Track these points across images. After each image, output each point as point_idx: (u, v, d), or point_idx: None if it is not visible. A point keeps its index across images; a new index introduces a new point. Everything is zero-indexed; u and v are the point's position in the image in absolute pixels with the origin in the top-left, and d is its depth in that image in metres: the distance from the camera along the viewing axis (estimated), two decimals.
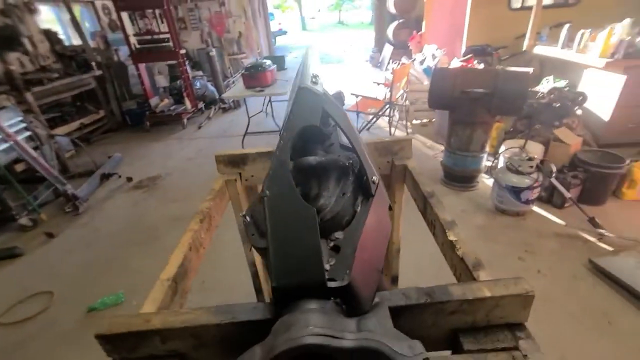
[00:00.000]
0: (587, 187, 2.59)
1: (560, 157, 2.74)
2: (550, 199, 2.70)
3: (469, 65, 3.74)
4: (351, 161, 0.67)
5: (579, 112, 3.16)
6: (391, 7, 7.74)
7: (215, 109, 6.28)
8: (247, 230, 0.67)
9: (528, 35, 3.77)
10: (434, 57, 4.52)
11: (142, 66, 5.65)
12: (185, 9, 8.11)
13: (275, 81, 4.22)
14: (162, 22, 6.35)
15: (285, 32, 18.81)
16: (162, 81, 6.57)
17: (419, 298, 0.62)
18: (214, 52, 6.73)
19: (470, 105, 2.68)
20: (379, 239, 0.66)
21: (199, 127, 5.53)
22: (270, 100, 4.41)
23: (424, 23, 6.48)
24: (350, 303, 0.51)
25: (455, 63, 3.94)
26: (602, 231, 2.31)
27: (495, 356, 0.60)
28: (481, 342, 0.63)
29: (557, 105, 2.93)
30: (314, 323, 0.42)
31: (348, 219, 0.59)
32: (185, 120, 5.59)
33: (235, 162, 1.32)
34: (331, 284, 0.50)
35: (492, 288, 0.63)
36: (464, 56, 4.19)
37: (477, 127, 2.76)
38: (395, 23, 7.69)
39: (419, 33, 6.57)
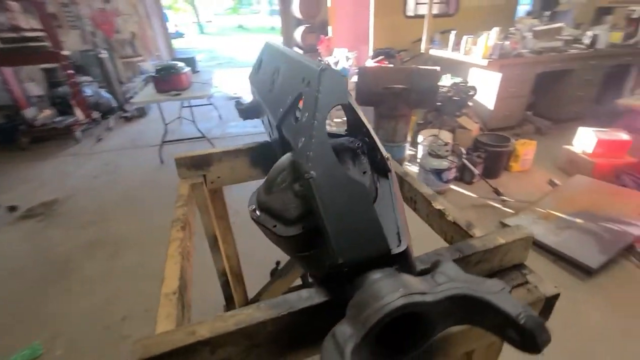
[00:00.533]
0: (487, 164, 3.13)
1: (465, 141, 3.25)
2: (462, 177, 3.17)
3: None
4: (358, 143, 0.70)
5: (470, 103, 3.78)
6: (296, 12, 7.95)
7: (115, 119, 5.50)
8: (264, 224, 0.64)
9: (424, 39, 4.33)
10: (347, 59, 4.83)
11: (7, 71, 4.61)
12: (58, 4, 6.87)
13: (191, 84, 3.93)
14: (34, 18, 5.26)
15: (182, 35, 17.57)
16: (35, 89, 5.43)
17: (452, 255, 0.69)
18: (105, 55, 5.89)
19: (392, 100, 2.96)
20: (403, 206, 0.71)
21: (99, 140, 4.77)
22: (190, 105, 4.08)
23: (330, 28, 6.85)
24: (406, 267, 0.54)
25: (371, 64, 4.29)
26: (504, 198, 2.82)
27: (516, 292, 0.71)
28: None
29: (457, 98, 3.45)
30: (400, 286, 0.44)
31: (374, 195, 0.62)
32: (78, 133, 4.75)
33: (198, 164, 1.22)
34: (394, 251, 0.53)
35: (504, 236, 0.74)
36: (373, 58, 4.58)
37: (400, 120, 3.06)
38: (302, 28, 7.93)
39: (327, 37, 6.91)
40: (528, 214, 2.54)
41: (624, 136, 2.93)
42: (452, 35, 4.13)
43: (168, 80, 3.69)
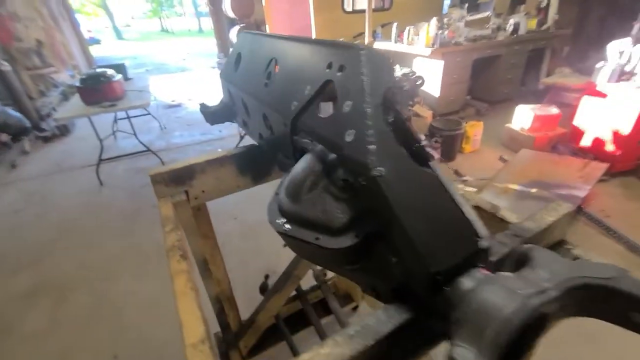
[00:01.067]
0: (444, 148, 3.29)
1: (422, 128, 3.37)
2: None
3: None
4: None
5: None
6: (229, 12, 7.61)
7: (31, 140, 4.73)
8: (303, 238, 0.56)
9: (367, 33, 4.41)
10: None
11: None
12: None
13: (125, 93, 3.51)
14: None
15: (98, 41, 15.89)
16: None
17: (512, 240, 0.66)
18: (7, 67, 5.02)
19: None
20: None
21: (13, 167, 4.04)
22: (128, 116, 3.63)
23: (267, 27, 6.67)
24: (486, 263, 0.50)
25: None
26: (465, 178, 2.98)
27: None
28: None
29: (407, 88, 3.56)
30: (514, 289, 0.40)
31: None
32: None
33: (179, 178, 1.05)
34: (481, 246, 0.49)
35: (550, 213, 0.72)
36: None
37: None
38: (237, 28, 7.62)
39: None
40: (489, 190, 2.71)
41: (554, 110, 3.28)
42: (394, 28, 4.27)
43: (98, 90, 3.24)
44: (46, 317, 1.99)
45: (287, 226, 0.58)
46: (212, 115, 1.21)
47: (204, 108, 1.19)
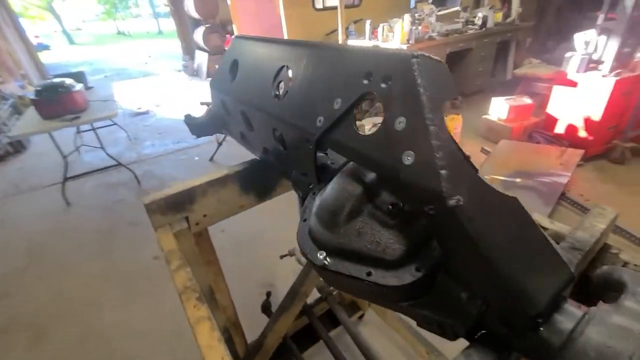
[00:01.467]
0: None
1: None
2: None
3: None
4: None
5: None
6: (192, 12, 7.30)
7: None
8: (351, 274, 0.50)
9: (340, 31, 4.36)
10: None
11: None
12: None
13: (88, 103, 3.23)
14: None
15: (47, 47, 14.77)
16: None
17: (574, 256, 0.63)
18: None
19: None
20: None
21: None
22: (93, 128, 3.35)
23: (234, 26, 6.46)
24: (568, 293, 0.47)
25: None
26: None
27: None
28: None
29: None
30: (628, 327, 0.37)
31: None
32: None
33: (179, 203, 0.95)
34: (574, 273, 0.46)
35: (599, 220, 0.70)
36: None
37: None
38: (202, 28, 7.32)
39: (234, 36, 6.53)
40: None
41: (527, 100, 3.40)
42: (367, 25, 4.24)
43: (57, 102, 2.95)
44: (23, 358, 1.78)
45: (328, 260, 0.51)
46: (199, 127, 1.11)
47: (189, 119, 1.09)
